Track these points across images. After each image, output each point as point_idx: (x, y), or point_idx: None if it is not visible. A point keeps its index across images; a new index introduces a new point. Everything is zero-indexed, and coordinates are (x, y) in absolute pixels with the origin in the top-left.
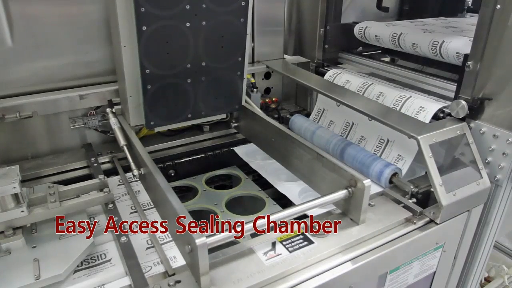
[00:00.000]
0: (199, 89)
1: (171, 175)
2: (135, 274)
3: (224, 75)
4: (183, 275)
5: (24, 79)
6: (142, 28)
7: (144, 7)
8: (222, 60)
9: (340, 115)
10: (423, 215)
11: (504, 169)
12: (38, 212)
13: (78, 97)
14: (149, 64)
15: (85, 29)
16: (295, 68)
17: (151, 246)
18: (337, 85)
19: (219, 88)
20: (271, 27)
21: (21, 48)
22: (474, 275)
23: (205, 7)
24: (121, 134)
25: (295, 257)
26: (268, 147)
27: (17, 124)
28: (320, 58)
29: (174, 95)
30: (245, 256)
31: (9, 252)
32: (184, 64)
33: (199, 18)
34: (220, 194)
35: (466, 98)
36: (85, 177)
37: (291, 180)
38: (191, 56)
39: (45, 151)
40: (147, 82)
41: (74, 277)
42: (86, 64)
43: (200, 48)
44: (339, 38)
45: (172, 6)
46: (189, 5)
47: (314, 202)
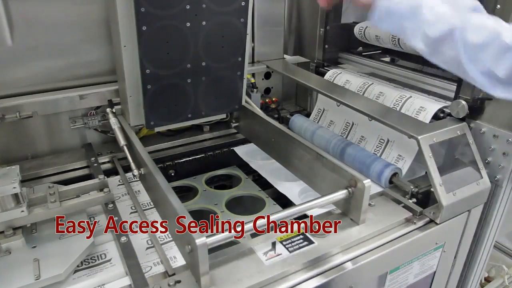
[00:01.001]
0: (199, 89)
1: (171, 175)
2: (135, 274)
3: (224, 75)
4: (183, 275)
5: (24, 79)
6: (142, 28)
7: (144, 7)
8: (222, 60)
9: (340, 115)
10: (423, 215)
11: (504, 169)
12: (38, 212)
13: (78, 97)
14: (149, 64)
15: (85, 29)
16: (295, 68)
17: (151, 246)
18: (337, 85)
19: (219, 88)
20: (271, 27)
21: (21, 48)
22: (474, 275)
23: (205, 7)
24: (121, 134)
25: (295, 257)
26: (268, 147)
27: (17, 124)
28: (320, 58)
29: (174, 95)
30: (245, 256)
31: (9, 252)
32: (184, 64)
33: (199, 18)
34: (220, 194)
35: (466, 98)
36: (85, 177)
37: (291, 180)
38: (191, 56)
39: (45, 151)
40: (147, 82)
41: (74, 277)
42: (86, 64)
43: (200, 48)
44: (339, 38)
45: (172, 6)
46: (189, 5)
47: (314, 202)
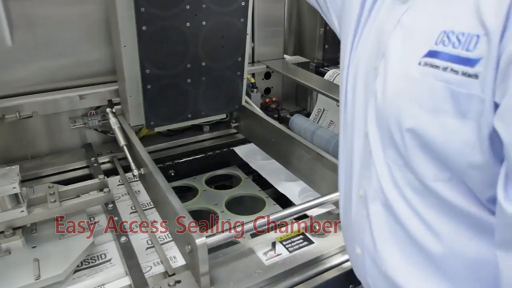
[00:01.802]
0: (199, 89)
1: (171, 175)
2: (135, 274)
3: (224, 75)
4: (183, 275)
5: (24, 79)
6: (142, 28)
7: (144, 7)
8: (222, 60)
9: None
10: None
11: None
12: (38, 212)
13: (78, 97)
14: (149, 64)
15: (85, 29)
16: (295, 68)
17: (151, 246)
18: (337, 85)
19: (219, 88)
20: (271, 27)
21: (21, 48)
22: None
23: (205, 7)
24: (121, 134)
25: (295, 257)
26: (268, 147)
27: (17, 124)
28: (320, 58)
29: (174, 95)
30: (245, 256)
31: (9, 252)
32: (184, 64)
33: (199, 18)
34: (220, 194)
35: None
36: (85, 177)
37: (291, 180)
38: (191, 56)
39: (45, 151)
40: (147, 82)
41: (74, 277)
42: (86, 64)
43: (200, 48)
44: (339, 38)
45: (172, 6)
46: (189, 5)
47: (314, 202)
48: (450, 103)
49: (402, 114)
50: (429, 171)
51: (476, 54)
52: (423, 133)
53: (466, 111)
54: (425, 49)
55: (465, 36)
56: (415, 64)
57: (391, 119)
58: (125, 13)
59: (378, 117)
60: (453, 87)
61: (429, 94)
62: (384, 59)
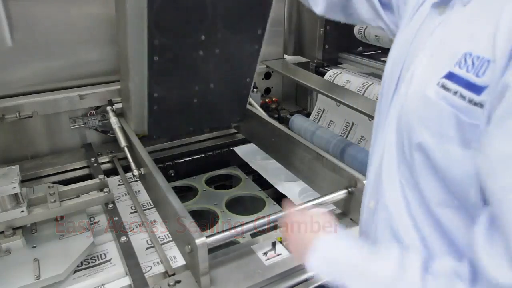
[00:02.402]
0: (204, 108)
1: (171, 175)
2: (135, 274)
3: (231, 94)
4: (183, 275)
5: (24, 79)
6: (153, 58)
7: (158, 39)
8: (229, 82)
9: (340, 115)
10: None
11: None
12: (38, 212)
13: (78, 97)
14: (158, 89)
15: (85, 29)
16: (295, 68)
17: (151, 246)
18: (337, 85)
19: (224, 106)
20: (271, 27)
21: (21, 48)
22: None
23: (220, 36)
24: (122, 134)
25: (295, 257)
26: (268, 147)
27: (17, 124)
28: (320, 58)
29: (179, 114)
30: (245, 256)
31: (9, 252)
32: (192, 87)
33: (213, 47)
34: (220, 194)
35: None
36: (85, 177)
37: (291, 180)
38: (199, 80)
39: (45, 151)
40: (154, 104)
41: (74, 277)
42: (86, 64)
43: (211, 72)
44: (339, 38)
45: (187, 37)
46: (204, 36)
47: (314, 202)
48: (456, 130)
49: (412, 130)
50: (436, 194)
51: (483, 81)
52: (429, 153)
53: (470, 140)
54: (446, 69)
55: (479, 60)
56: (433, 84)
57: (405, 133)
58: (135, 31)
59: (398, 130)
60: (459, 114)
61: (438, 117)
62: (410, 72)
